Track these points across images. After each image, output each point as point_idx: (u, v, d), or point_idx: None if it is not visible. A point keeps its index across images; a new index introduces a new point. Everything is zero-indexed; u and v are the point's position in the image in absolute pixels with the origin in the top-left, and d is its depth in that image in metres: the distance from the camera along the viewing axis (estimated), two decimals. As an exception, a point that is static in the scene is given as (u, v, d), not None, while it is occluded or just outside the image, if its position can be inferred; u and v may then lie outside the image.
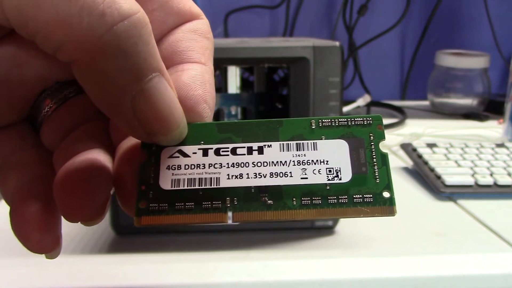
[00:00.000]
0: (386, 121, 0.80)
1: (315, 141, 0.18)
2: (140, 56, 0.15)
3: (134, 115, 0.16)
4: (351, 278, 0.35)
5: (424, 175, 0.54)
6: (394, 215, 0.16)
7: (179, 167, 0.17)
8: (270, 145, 0.18)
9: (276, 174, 0.17)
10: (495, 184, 0.50)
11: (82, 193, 0.17)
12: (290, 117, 0.38)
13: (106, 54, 0.15)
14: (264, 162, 0.17)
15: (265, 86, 0.56)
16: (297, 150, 0.18)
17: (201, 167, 0.17)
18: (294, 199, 0.17)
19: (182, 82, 0.18)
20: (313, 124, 0.18)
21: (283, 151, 0.18)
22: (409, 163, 0.61)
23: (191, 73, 0.18)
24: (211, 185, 0.17)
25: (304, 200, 0.17)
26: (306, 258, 0.37)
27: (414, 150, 0.59)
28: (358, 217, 0.17)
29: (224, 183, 0.17)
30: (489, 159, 0.55)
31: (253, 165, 0.17)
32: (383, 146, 0.17)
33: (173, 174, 0.17)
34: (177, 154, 0.18)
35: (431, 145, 0.60)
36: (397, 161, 0.62)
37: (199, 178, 0.17)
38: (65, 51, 0.15)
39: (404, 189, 0.53)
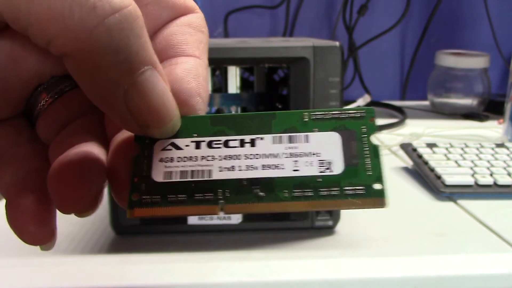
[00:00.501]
0: (386, 121, 0.80)
1: (307, 133, 0.18)
2: (132, 49, 0.15)
3: (127, 108, 0.16)
4: (351, 278, 0.35)
5: (424, 175, 0.54)
6: (385, 207, 0.17)
7: (172, 159, 0.18)
8: (263, 137, 0.18)
9: (268, 166, 0.17)
10: (495, 184, 0.50)
11: (75, 185, 0.17)
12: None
13: (98, 47, 0.15)
14: (256, 154, 0.17)
15: (265, 86, 0.55)
16: (289, 143, 0.18)
17: (193, 159, 0.17)
18: (286, 191, 0.17)
19: (176, 75, 0.18)
20: (306, 117, 0.18)
21: (276, 143, 0.18)
22: (409, 163, 0.61)
23: (185, 66, 0.18)
24: (203, 177, 0.17)
25: (296, 192, 0.17)
26: (306, 258, 0.37)
27: (414, 150, 0.59)
28: (350, 208, 0.17)
29: (217, 175, 0.17)
30: (489, 159, 0.55)
31: (246, 158, 0.17)
32: (375, 139, 0.17)
33: (165, 166, 0.17)
34: (170, 147, 0.18)
35: (431, 145, 0.60)
36: (397, 161, 0.62)
37: (192, 171, 0.17)
38: (57, 45, 0.15)
39: (404, 189, 0.53)
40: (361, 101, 0.81)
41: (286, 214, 0.42)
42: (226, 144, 0.18)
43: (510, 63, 0.77)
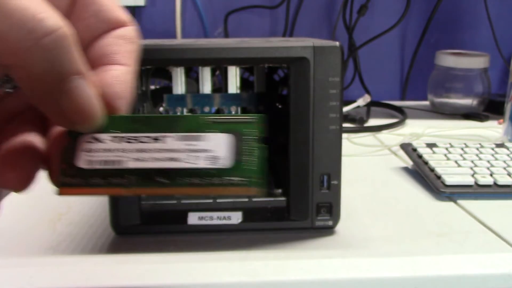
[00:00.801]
0: (386, 121, 0.80)
1: (205, 134, 0.22)
2: (63, 63, 0.19)
3: (59, 109, 0.20)
4: (351, 278, 0.35)
5: (424, 175, 0.54)
6: (260, 195, 0.22)
7: (94, 150, 0.22)
8: (170, 135, 0.22)
9: (172, 159, 0.21)
10: (495, 184, 0.50)
11: (14, 168, 0.21)
12: (290, 117, 0.39)
13: (34, 62, 0.19)
14: (163, 149, 0.22)
15: (265, 86, 0.55)
16: (190, 141, 0.22)
17: (111, 151, 0.22)
18: (184, 179, 0.21)
19: (105, 80, 0.22)
20: (206, 120, 0.22)
21: (179, 141, 0.22)
22: (409, 163, 0.61)
23: (114, 73, 0.22)
24: (119, 166, 0.21)
25: (192, 180, 0.21)
26: (306, 258, 0.37)
27: (414, 150, 0.59)
28: (233, 194, 0.22)
29: (130, 164, 0.21)
30: (489, 159, 0.55)
31: (154, 151, 0.22)
32: (260, 140, 0.22)
33: (89, 156, 0.22)
34: (93, 140, 0.22)
35: (431, 145, 0.60)
36: (397, 161, 0.62)
37: (109, 160, 0.22)
38: (2, 58, 0.19)
39: (404, 189, 0.53)
40: (361, 101, 0.81)
41: (286, 214, 0.42)
42: (140, 139, 0.22)
43: (510, 63, 0.77)
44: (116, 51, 0.23)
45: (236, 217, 0.41)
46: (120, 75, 0.23)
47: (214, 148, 0.21)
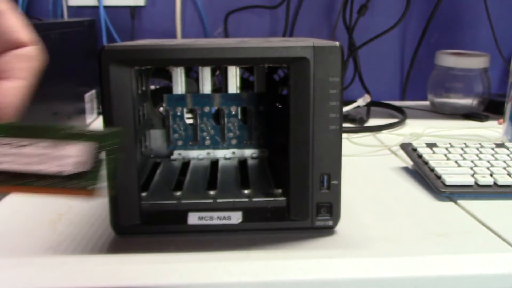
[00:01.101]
0: (386, 121, 0.80)
1: (66, 143, 0.26)
2: None
3: None
4: (351, 278, 0.36)
5: (424, 175, 0.54)
6: (98, 198, 0.25)
7: None
8: (37, 143, 0.26)
9: (35, 162, 0.25)
10: (495, 184, 0.50)
11: None
12: (290, 117, 0.40)
13: None
14: (30, 154, 0.25)
15: (265, 86, 0.56)
16: (53, 149, 0.25)
17: None
18: (38, 181, 0.25)
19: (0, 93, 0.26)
20: (69, 132, 0.26)
21: (44, 149, 0.26)
22: (409, 163, 0.61)
23: (9, 85, 0.26)
24: None
25: (45, 182, 0.25)
26: (306, 258, 0.37)
27: (414, 150, 0.59)
28: (78, 196, 0.25)
29: (1, 166, 0.25)
30: (489, 159, 0.55)
31: (17, 156, 0.25)
32: (113, 151, 0.26)
33: None
34: None
35: (431, 145, 0.60)
36: (397, 161, 0.62)
37: None
38: None
39: (404, 189, 0.53)
40: (361, 101, 0.81)
41: (286, 214, 0.42)
42: (13, 145, 0.26)
43: (510, 63, 0.77)
44: (12, 68, 0.27)
45: (236, 217, 0.41)
46: (10, 88, 0.26)
47: (72, 155, 0.25)
